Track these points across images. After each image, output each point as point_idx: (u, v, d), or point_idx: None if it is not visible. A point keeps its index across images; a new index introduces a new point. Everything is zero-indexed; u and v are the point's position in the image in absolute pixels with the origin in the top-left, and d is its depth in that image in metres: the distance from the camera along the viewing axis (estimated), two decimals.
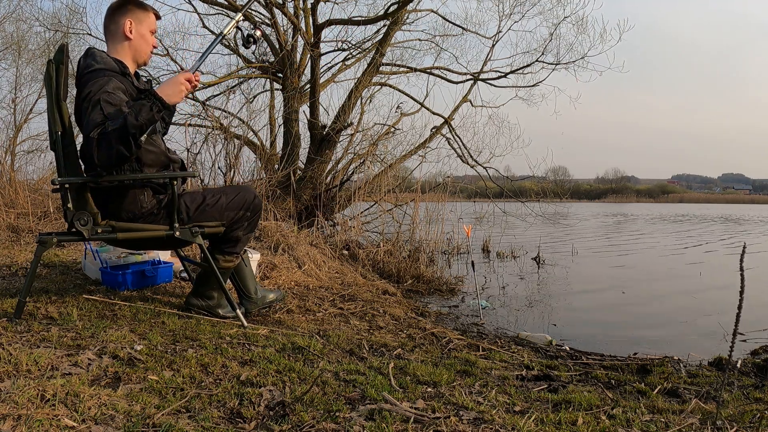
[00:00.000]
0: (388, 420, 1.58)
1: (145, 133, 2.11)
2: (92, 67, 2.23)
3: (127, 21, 2.35)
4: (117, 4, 2.38)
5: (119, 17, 2.36)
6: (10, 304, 2.43)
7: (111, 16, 2.37)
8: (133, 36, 2.37)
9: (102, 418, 1.43)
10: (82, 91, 2.17)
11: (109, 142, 2.04)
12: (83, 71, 2.24)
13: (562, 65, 9.10)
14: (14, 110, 10.27)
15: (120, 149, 2.05)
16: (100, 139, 2.04)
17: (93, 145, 2.05)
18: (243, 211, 2.55)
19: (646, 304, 4.84)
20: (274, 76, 8.77)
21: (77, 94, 2.24)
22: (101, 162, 2.07)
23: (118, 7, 2.37)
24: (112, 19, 2.37)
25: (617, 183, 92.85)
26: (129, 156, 2.10)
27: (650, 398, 2.14)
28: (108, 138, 2.04)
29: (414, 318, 3.44)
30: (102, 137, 2.04)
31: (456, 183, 7.40)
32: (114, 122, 2.05)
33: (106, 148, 2.04)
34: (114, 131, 2.04)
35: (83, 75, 2.23)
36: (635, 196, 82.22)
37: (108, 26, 2.39)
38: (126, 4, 2.37)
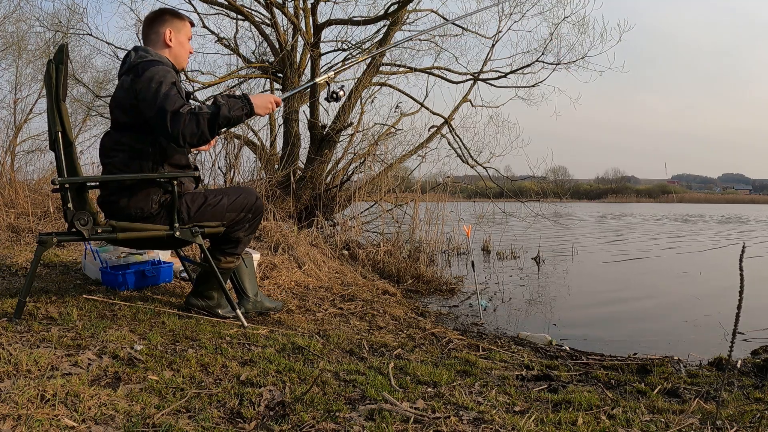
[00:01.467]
0: (388, 420, 1.58)
1: (229, 127, 2.26)
2: (147, 57, 2.33)
3: (167, 30, 2.45)
4: (155, 15, 2.49)
5: (159, 26, 2.46)
6: (10, 304, 2.43)
7: (150, 26, 2.47)
8: (173, 44, 2.47)
9: (102, 418, 1.43)
10: (141, 75, 2.24)
11: (198, 121, 2.15)
12: (137, 60, 2.32)
13: (562, 65, 9.11)
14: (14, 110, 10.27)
15: (205, 132, 2.18)
16: (191, 116, 2.15)
17: (181, 119, 2.13)
18: (245, 213, 2.55)
19: (646, 304, 4.84)
20: (274, 76, 8.77)
21: (129, 81, 2.29)
22: (184, 135, 2.15)
23: (156, 17, 2.48)
24: (152, 29, 2.47)
25: (617, 183, 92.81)
26: (208, 141, 2.24)
27: (650, 398, 2.14)
28: (199, 118, 2.16)
29: (414, 318, 3.44)
30: (192, 115, 2.15)
31: (456, 183, 7.40)
32: (208, 107, 2.19)
33: (194, 125, 2.15)
34: (207, 114, 2.17)
35: (138, 63, 2.30)
36: (635, 196, 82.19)
37: (148, 36, 2.48)
38: (163, 14, 2.49)
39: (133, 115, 2.30)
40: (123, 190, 2.35)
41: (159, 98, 2.17)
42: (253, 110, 2.32)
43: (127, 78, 2.31)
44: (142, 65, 2.29)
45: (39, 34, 10.34)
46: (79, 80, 9.97)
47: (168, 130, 2.15)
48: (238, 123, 2.33)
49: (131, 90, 2.27)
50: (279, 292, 3.49)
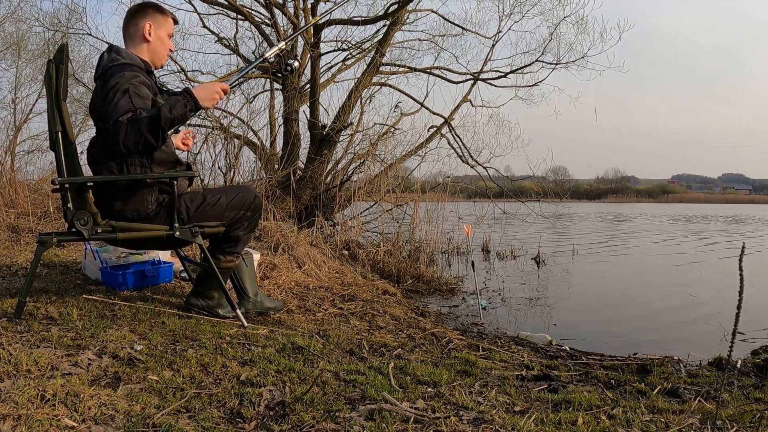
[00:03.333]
0: (388, 420, 1.58)
1: (174, 128, 2.16)
2: (118, 60, 2.27)
3: (147, 23, 2.40)
4: (137, 7, 2.43)
5: (139, 19, 2.41)
6: (10, 304, 2.43)
7: (131, 19, 2.43)
8: (152, 38, 2.42)
9: (102, 418, 1.43)
10: (108, 82, 2.19)
11: (139, 128, 2.07)
12: (108, 64, 2.27)
13: (562, 65, 9.10)
14: (14, 110, 10.27)
15: (148, 138, 2.09)
16: (130, 124, 2.07)
17: (121, 129, 2.06)
18: (243, 211, 2.55)
19: (646, 304, 4.84)
20: (274, 76, 8.77)
21: (100, 87, 2.25)
22: (126, 146, 2.09)
23: (138, 10, 2.42)
24: (131, 21, 2.42)
25: (617, 183, 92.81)
26: (155, 146, 2.14)
27: (650, 398, 2.14)
28: (139, 124, 2.07)
29: (414, 318, 3.44)
30: (133, 122, 2.07)
31: (456, 183, 7.40)
32: (148, 111, 2.11)
33: (135, 134, 2.07)
34: (146, 119, 2.07)
35: (109, 67, 2.26)
36: (635, 196, 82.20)
37: (127, 28, 2.43)
38: (146, 8, 2.43)
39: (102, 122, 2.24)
40: (116, 194, 2.32)
41: (109, 108, 2.12)
42: (197, 104, 2.20)
43: (99, 84, 2.28)
44: (111, 70, 2.24)
45: (39, 34, 10.34)
46: (79, 80, 9.97)
47: (114, 141, 2.09)
48: (184, 121, 2.19)
49: (102, 97, 2.21)
50: (279, 292, 3.49)
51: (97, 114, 2.30)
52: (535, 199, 9.63)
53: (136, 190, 2.32)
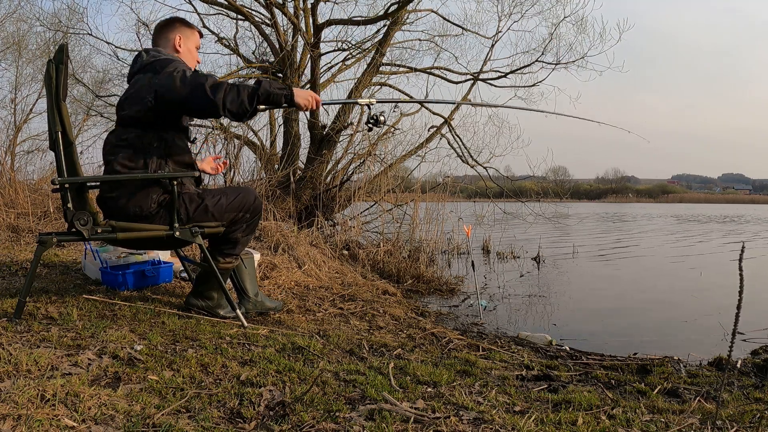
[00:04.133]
0: (388, 420, 1.58)
1: (263, 104, 2.33)
2: (161, 56, 2.40)
3: (176, 36, 2.54)
4: (165, 22, 2.59)
5: (169, 32, 2.55)
6: (10, 304, 2.43)
7: (160, 32, 2.56)
8: (182, 50, 2.55)
9: (102, 418, 1.43)
10: (163, 69, 2.30)
11: (238, 90, 2.24)
12: (152, 59, 2.37)
13: (561, 65, 9.11)
14: (14, 110, 10.27)
15: (245, 101, 2.25)
16: (229, 85, 2.24)
17: (222, 87, 2.21)
18: (242, 213, 2.55)
19: (646, 304, 4.84)
20: (274, 76, 8.77)
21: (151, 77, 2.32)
22: (224, 103, 2.22)
23: (167, 24, 2.58)
24: (161, 35, 2.56)
25: (617, 183, 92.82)
26: (248, 111, 2.28)
27: (650, 398, 2.14)
28: (238, 88, 2.25)
29: (414, 318, 3.44)
30: (231, 85, 2.24)
31: (456, 183, 7.40)
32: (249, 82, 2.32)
33: (234, 93, 2.23)
34: (246, 85, 2.27)
35: (155, 61, 2.36)
36: (635, 196, 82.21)
37: (157, 41, 2.55)
38: (174, 22, 2.58)
39: (145, 111, 2.31)
40: (123, 187, 2.35)
41: (189, 78, 2.25)
42: (292, 97, 2.39)
43: (144, 75, 2.35)
44: (159, 62, 2.36)
45: (39, 34, 10.34)
46: (79, 80, 9.96)
47: (209, 99, 2.20)
48: (277, 103, 2.38)
49: (149, 86, 2.30)
50: (279, 292, 3.49)
51: (134, 102, 2.33)
52: (535, 199, 9.63)
53: (142, 186, 2.35)
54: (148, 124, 2.34)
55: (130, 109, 2.34)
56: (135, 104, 2.33)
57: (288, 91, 2.38)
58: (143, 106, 2.31)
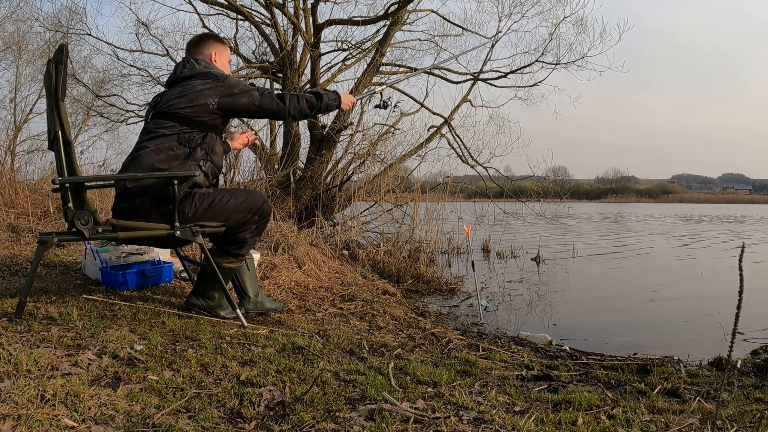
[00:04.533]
0: (388, 420, 1.58)
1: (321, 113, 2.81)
2: (215, 68, 2.60)
3: (212, 52, 2.68)
4: (199, 38, 2.72)
5: (204, 49, 2.68)
6: (10, 304, 2.43)
7: (196, 47, 2.67)
8: (217, 64, 2.67)
9: (102, 418, 1.43)
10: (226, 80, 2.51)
11: (299, 100, 2.62)
12: (207, 69, 2.55)
13: (561, 65, 9.11)
14: (14, 110, 10.27)
15: (305, 109, 2.64)
16: (291, 97, 2.61)
17: (287, 97, 2.60)
18: (251, 215, 2.56)
19: (646, 304, 4.84)
20: (274, 76, 8.77)
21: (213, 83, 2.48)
22: (289, 110, 2.59)
23: (201, 39, 2.71)
24: (197, 51, 2.67)
25: (617, 183, 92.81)
26: (308, 116, 2.69)
27: (650, 398, 2.14)
28: (298, 98, 2.62)
29: (414, 318, 3.44)
30: (293, 97, 2.61)
31: (456, 183, 7.40)
32: (310, 95, 2.66)
33: (296, 103, 2.61)
34: (307, 96, 2.65)
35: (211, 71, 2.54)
36: (635, 196, 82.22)
37: (194, 55, 2.65)
38: (208, 38, 2.73)
39: (204, 112, 2.45)
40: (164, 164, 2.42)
41: (256, 88, 2.56)
42: (340, 104, 2.79)
43: (202, 81, 2.47)
44: (217, 73, 2.54)
45: (39, 34, 10.35)
46: (79, 80, 9.97)
47: (278, 106, 2.56)
48: (329, 112, 2.83)
49: (210, 90, 2.46)
50: (279, 292, 3.49)
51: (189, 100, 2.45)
52: (535, 199, 9.63)
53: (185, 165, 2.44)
54: (199, 123, 2.46)
55: (185, 108, 2.44)
56: (191, 104, 2.44)
57: (339, 101, 2.78)
58: (203, 108, 2.44)
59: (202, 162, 2.46)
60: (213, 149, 2.52)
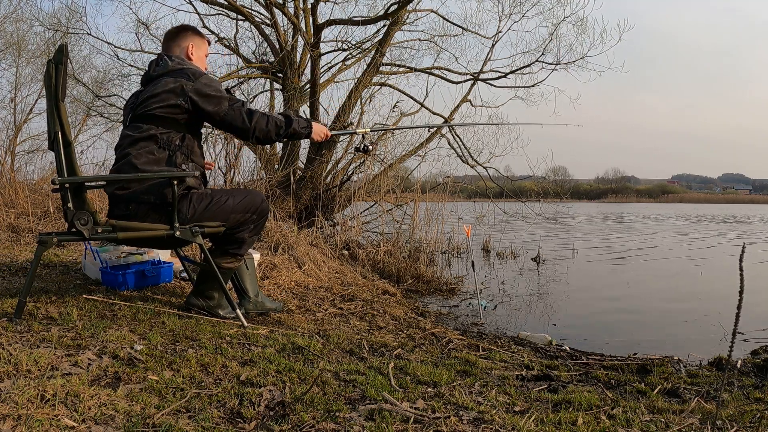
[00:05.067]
0: (388, 420, 1.58)
1: (289, 139, 2.64)
2: (188, 65, 2.49)
3: (189, 44, 2.61)
4: (177, 29, 2.64)
5: (181, 41, 2.61)
6: (10, 304, 2.43)
7: (173, 40, 2.61)
8: (194, 58, 2.61)
9: (102, 418, 1.43)
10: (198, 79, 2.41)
11: (267, 121, 2.50)
12: (180, 66, 2.46)
13: (561, 65, 9.12)
14: (14, 110, 10.27)
15: (270, 133, 2.52)
16: (261, 115, 2.49)
17: (255, 116, 2.47)
18: (250, 214, 2.56)
19: (646, 304, 4.84)
20: (274, 76, 8.78)
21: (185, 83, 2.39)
22: (254, 130, 2.48)
23: (179, 32, 2.63)
24: (174, 42, 2.60)
25: (617, 183, 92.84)
26: (271, 141, 2.60)
27: (650, 398, 2.14)
28: (268, 119, 2.51)
29: (414, 318, 3.44)
30: (263, 115, 2.50)
31: (456, 183, 7.40)
32: (280, 117, 2.56)
33: (264, 123, 2.49)
34: (277, 119, 2.54)
35: (185, 68, 2.44)
36: (635, 196, 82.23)
37: (169, 48, 2.60)
38: (186, 30, 2.64)
39: (178, 112, 2.39)
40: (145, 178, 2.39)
41: (229, 98, 2.45)
42: (311, 133, 2.66)
43: (174, 79, 2.40)
44: (191, 71, 2.44)
45: (39, 34, 10.35)
46: (79, 80, 9.97)
47: (244, 123, 2.45)
48: (297, 139, 2.69)
49: (182, 90, 2.38)
50: (279, 292, 3.49)
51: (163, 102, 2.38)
52: (535, 199, 9.63)
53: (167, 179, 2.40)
54: (174, 123, 2.41)
55: (158, 108, 2.39)
56: (164, 103, 2.38)
57: (309, 130, 2.65)
58: (177, 107, 2.38)
59: (184, 165, 2.42)
60: (192, 150, 2.47)
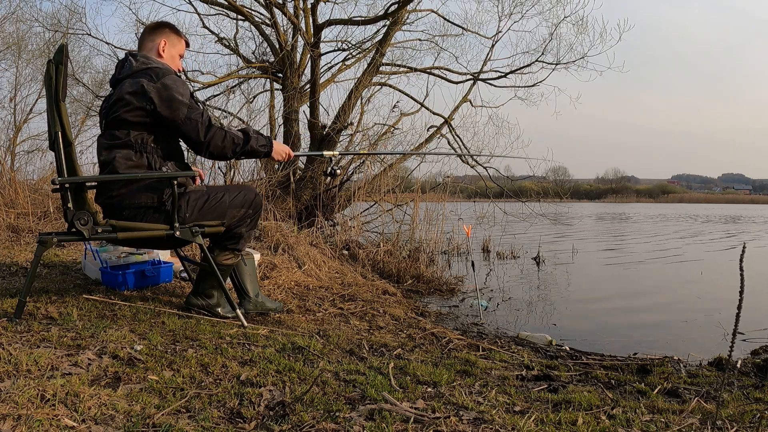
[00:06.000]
0: (388, 420, 1.58)
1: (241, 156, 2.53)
2: (153, 64, 2.41)
3: (162, 40, 2.53)
4: (155, 25, 2.60)
5: (156, 36, 2.54)
6: (10, 304, 2.43)
7: (149, 34, 2.56)
8: (165, 55, 2.53)
9: (102, 418, 1.43)
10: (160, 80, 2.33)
11: (224, 137, 2.42)
12: (145, 66, 2.39)
13: (561, 65, 9.11)
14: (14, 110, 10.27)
15: (225, 150, 2.44)
16: (219, 130, 2.42)
17: (211, 129, 2.39)
18: (246, 209, 2.58)
19: (646, 304, 4.84)
20: (274, 76, 8.77)
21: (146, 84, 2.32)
22: (208, 145, 2.40)
23: (156, 27, 2.58)
24: (149, 37, 2.54)
25: (617, 183, 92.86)
26: (226, 158, 2.51)
27: (650, 398, 2.14)
28: (225, 135, 2.43)
29: (414, 318, 3.44)
30: (221, 131, 2.42)
31: (456, 183, 7.40)
32: (239, 133, 2.48)
33: (221, 139, 2.41)
34: (234, 136, 2.45)
35: (149, 68, 2.38)
36: (635, 196, 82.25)
37: (144, 42, 2.55)
38: (163, 26, 2.58)
39: (144, 114, 2.32)
40: (131, 183, 2.36)
41: (189, 105, 2.36)
42: (271, 152, 2.57)
43: (136, 81, 2.33)
44: (153, 70, 2.37)
45: (39, 34, 10.35)
46: (79, 80, 9.97)
47: (198, 135, 2.37)
48: (256, 157, 2.61)
49: (144, 91, 2.30)
50: (279, 292, 3.49)
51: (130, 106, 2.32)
52: (535, 199, 9.63)
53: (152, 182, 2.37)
54: (145, 125, 2.35)
55: (126, 113, 2.32)
56: (129, 107, 2.32)
57: (268, 148, 2.56)
58: (142, 110, 2.31)
59: (164, 168, 2.39)
60: (169, 151, 2.42)
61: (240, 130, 2.51)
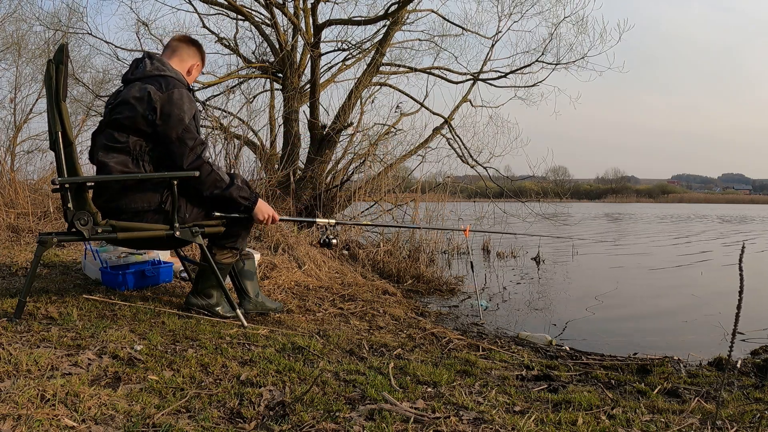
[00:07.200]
0: (388, 420, 1.58)
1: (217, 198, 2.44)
2: (168, 71, 2.42)
3: (197, 64, 2.63)
4: (198, 44, 2.66)
5: (194, 55, 2.61)
6: (10, 304, 2.43)
7: (188, 47, 2.60)
8: (191, 76, 2.62)
9: (102, 418, 1.43)
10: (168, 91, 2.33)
11: (209, 174, 2.38)
12: (158, 72, 2.39)
13: (561, 65, 9.12)
14: (14, 110, 10.27)
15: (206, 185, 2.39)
16: (209, 165, 2.38)
17: (197, 164, 2.35)
18: None
19: (646, 304, 4.84)
20: (274, 76, 8.78)
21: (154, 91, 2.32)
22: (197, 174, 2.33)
23: (198, 48, 2.64)
24: (187, 50, 2.59)
25: (617, 183, 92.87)
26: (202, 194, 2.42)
27: (650, 398, 2.14)
28: (210, 171, 2.38)
29: (414, 318, 3.44)
30: (206, 167, 2.37)
31: (456, 183, 7.41)
32: (225, 176, 2.43)
33: (205, 174, 2.37)
34: (220, 178, 2.40)
35: (162, 75, 2.38)
36: (635, 196, 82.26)
37: (179, 50, 2.57)
38: (201, 50, 2.66)
39: (145, 124, 2.32)
40: (133, 185, 2.35)
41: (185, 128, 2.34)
42: (253, 209, 2.51)
43: (145, 86, 2.33)
44: (166, 79, 2.37)
45: (39, 34, 10.36)
46: (79, 80, 9.97)
47: (182, 160, 2.34)
48: (233, 207, 2.50)
49: (149, 99, 2.30)
50: (279, 292, 3.49)
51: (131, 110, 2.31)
52: (535, 199, 9.63)
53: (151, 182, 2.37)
54: (145, 133, 2.34)
55: (127, 117, 2.32)
56: (131, 113, 2.31)
57: (251, 203, 2.50)
58: (143, 118, 2.31)
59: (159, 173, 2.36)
60: (166, 164, 2.39)
61: (228, 174, 2.46)
